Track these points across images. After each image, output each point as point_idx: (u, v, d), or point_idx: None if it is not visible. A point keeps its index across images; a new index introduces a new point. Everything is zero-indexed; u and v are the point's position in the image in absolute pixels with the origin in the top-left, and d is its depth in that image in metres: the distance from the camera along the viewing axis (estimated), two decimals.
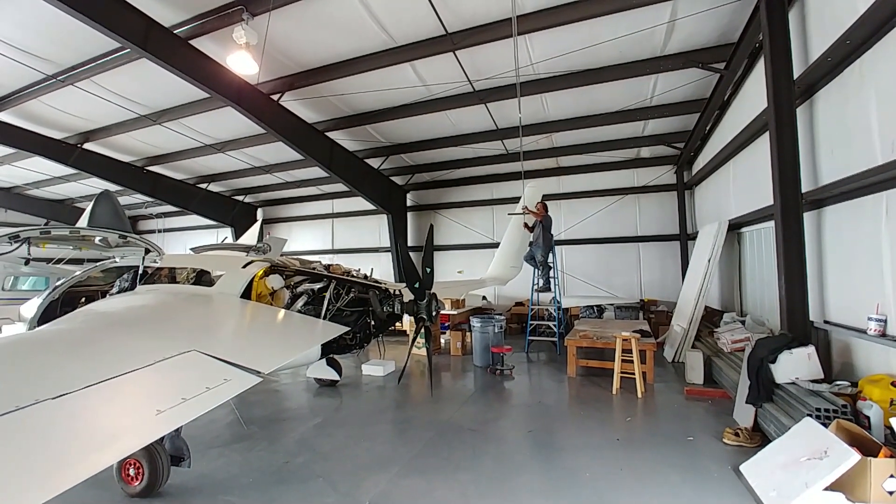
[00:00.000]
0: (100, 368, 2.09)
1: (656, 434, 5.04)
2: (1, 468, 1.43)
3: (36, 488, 1.38)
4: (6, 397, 1.69)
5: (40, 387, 1.81)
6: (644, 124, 10.45)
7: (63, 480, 1.40)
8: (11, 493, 1.35)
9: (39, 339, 2.81)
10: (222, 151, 11.83)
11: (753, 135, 6.98)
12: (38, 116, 10.24)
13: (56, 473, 1.47)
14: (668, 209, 12.07)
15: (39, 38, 7.11)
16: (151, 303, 4.19)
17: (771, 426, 4.47)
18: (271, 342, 3.66)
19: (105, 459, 1.55)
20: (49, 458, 1.55)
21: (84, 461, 1.53)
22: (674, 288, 11.21)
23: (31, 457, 1.55)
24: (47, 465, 1.52)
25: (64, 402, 1.77)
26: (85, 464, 1.51)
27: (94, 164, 12.21)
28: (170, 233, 20.04)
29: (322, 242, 16.80)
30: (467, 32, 6.83)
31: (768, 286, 7.20)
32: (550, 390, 7.03)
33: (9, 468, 1.47)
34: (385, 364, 7.96)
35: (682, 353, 7.98)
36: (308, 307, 4.80)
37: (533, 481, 4.02)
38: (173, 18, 6.64)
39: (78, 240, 4.91)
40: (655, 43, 7.12)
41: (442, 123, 10.40)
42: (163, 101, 9.40)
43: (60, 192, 17.20)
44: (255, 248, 7.25)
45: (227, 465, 4.40)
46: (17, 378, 2.06)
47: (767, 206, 6.08)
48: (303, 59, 7.77)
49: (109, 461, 1.57)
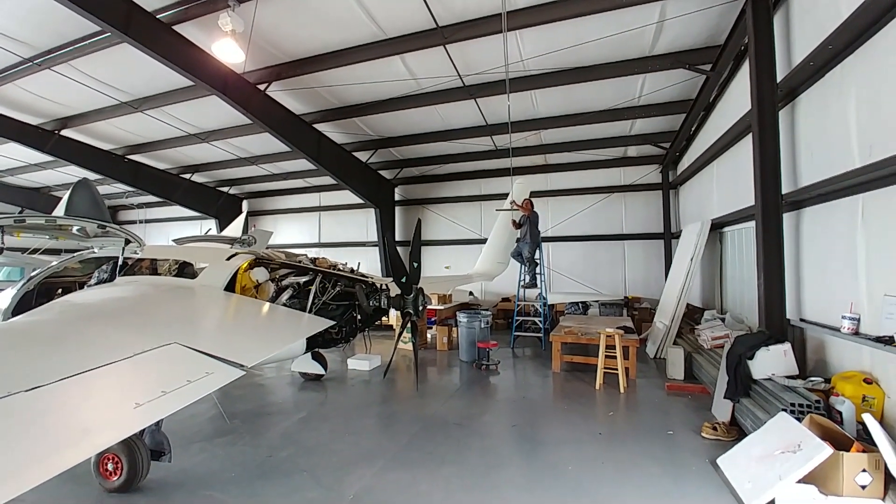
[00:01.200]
0: (76, 361, 2.03)
1: (638, 428, 5.14)
2: None
3: (7, 481, 1.34)
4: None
5: (12, 379, 1.75)
6: (631, 123, 10.56)
7: (36, 475, 1.35)
8: None
9: (13, 329, 2.72)
10: (207, 141, 11.58)
11: (737, 136, 7.11)
12: (14, 101, 9.89)
13: (28, 467, 1.42)
14: (653, 208, 12.25)
15: (15, 20, 6.84)
16: (131, 294, 4.09)
17: (747, 420, 4.60)
18: (255, 335, 3.62)
19: (80, 454, 1.51)
20: (21, 451, 1.51)
21: (58, 455, 1.48)
22: (657, 285, 11.41)
23: (1, 450, 1.50)
24: (19, 458, 1.48)
25: (37, 394, 1.72)
26: (59, 458, 1.46)
27: (72, 152, 11.83)
28: (151, 224, 19.60)
29: (309, 236, 16.63)
30: (458, 26, 6.79)
31: (748, 285, 7.38)
32: (535, 385, 7.11)
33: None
34: (371, 358, 7.94)
35: (664, 349, 8.13)
36: (293, 301, 4.75)
37: (516, 475, 4.07)
38: (156, 3, 6.45)
39: (54, 229, 4.77)
40: (644, 43, 7.19)
41: (431, 118, 10.34)
42: (144, 88, 9.14)
43: (37, 180, 16.65)
44: (240, 241, 7.14)
45: (209, 460, 4.35)
46: None
47: (749, 206, 6.21)
48: (291, 48, 7.63)
49: (85, 455, 1.53)
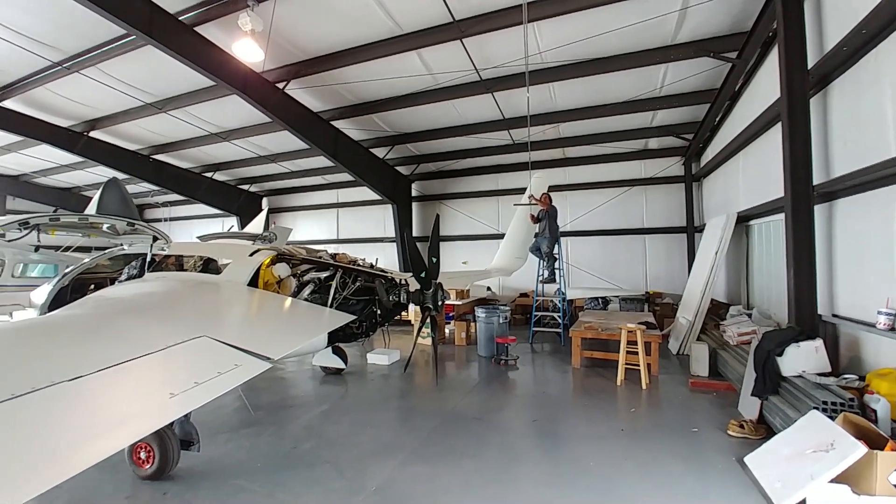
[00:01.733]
0: (113, 352, 2.12)
1: (661, 425, 5.06)
2: (19, 448, 1.47)
3: (54, 467, 1.41)
4: (22, 379, 1.72)
5: (55, 369, 1.84)
6: (653, 115, 10.32)
7: (80, 461, 1.43)
8: (30, 472, 1.38)
9: (53, 323, 2.84)
10: (227, 140, 11.81)
11: (765, 126, 6.88)
12: (45, 104, 10.24)
13: (73, 454, 1.49)
14: (675, 201, 11.97)
15: (45, 24, 7.07)
16: (161, 290, 4.22)
17: (776, 419, 4.47)
18: (280, 329, 3.69)
19: (123, 440, 1.59)
20: (66, 438, 1.58)
21: (101, 442, 1.57)
22: (679, 280, 11.17)
23: (48, 437, 1.57)
24: (64, 445, 1.55)
25: (79, 384, 1.80)
26: (101, 445, 1.54)
27: (100, 152, 12.23)
28: (176, 221, 20.12)
29: (327, 232, 16.83)
30: (475, 20, 6.73)
31: (776, 279, 7.16)
32: (555, 381, 7.06)
33: (27, 448, 1.49)
34: (390, 353, 8.02)
35: (687, 345, 7.97)
36: (315, 296, 4.82)
37: (537, 470, 4.05)
38: (178, 5, 6.58)
39: (86, 227, 4.94)
40: (666, 31, 7.00)
41: (448, 113, 10.31)
42: (168, 89, 9.37)
43: (67, 181, 17.27)
44: (262, 237, 7.27)
45: (235, 450, 4.47)
46: (33, 361, 2.09)
47: (777, 198, 6.01)
48: (308, 46, 7.70)
49: (128, 441, 1.60)
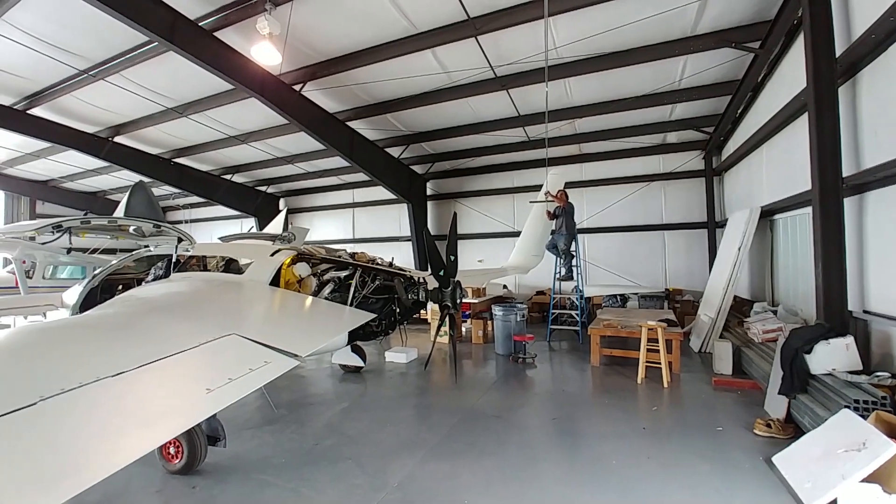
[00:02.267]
0: (150, 350, 2.20)
1: (684, 424, 4.97)
2: (74, 440, 1.54)
3: (105, 459, 1.48)
4: (70, 375, 1.80)
5: (99, 366, 1.92)
6: (672, 108, 10.12)
7: (129, 453, 1.50)
8: (83, 463, 1.45)
9: (89, 322, 2.95)
10: (246, 142, 12.03)
11: (790, 117, 6.68)
12: (72, 111, 10.59)
13: (121, 446, 1.56)
14: (695, 196, 11.72)
15: (72, 34, 7.31)
16: (188, 289, 4.33)
17: (805, 418, 4.36)
18: (303, 327, 3.77)
19: (164, 434, 1.67)
20: (113, 432, 1.65)
21: (146, 435, 1.64)
22: (700, 277, 10.95)
23: (100, 429, 1.65)
24: (113, 438, 1.62)
25: (122, 380, 1.88)
26: (147, 437, 1.62)
27: (124, 157, 12.63)
28: (196, 223, 20.58)
29: (343, 232, 17.00)
30: (490, 17, 6.70)
31: (802, 275, 6.96)
32: (574, 379, 7.01)
33: (81, 439, 1.57)
34: (408, 351, 8.07)
35: (709, 343, 7.82)
36: (335, 294, 4.88)
37: (557, 468, 4.04)
38: (198, 11, 6.73)
39: (115, 229, 5.11)
40: (685, 22, 6.86)
41: (463, 111, 10.30)
42: (189, 94, 9.59)
43: (93, 185, 17.84)
44: (281, 237, 7.40)
45: (259, 447, 4.57)
46: (77, 358, 2.17)
47: (804, 191, 5.85)
48: (324, 48, 7.78)
49: (169, 436, 1.68)
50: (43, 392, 1.65)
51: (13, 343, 2.35)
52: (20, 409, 1.53)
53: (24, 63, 8.21)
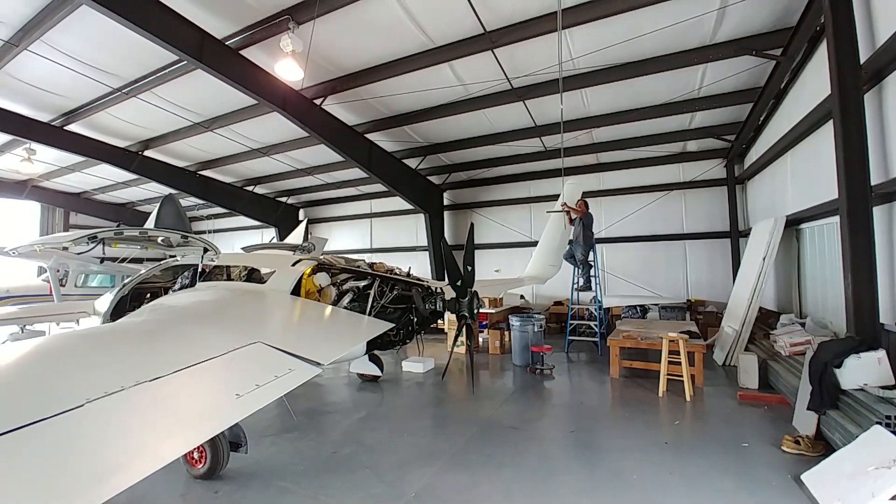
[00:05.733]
0: (181, 357, 2.31)
1: (707, 439, 4.84)
2: (118, 439, 1.65)
3: (151, 456, 1.59)
4: (112, 379, 1.92)
5: (136, 371, 2.03)
6: (691, 116, 10.01)
7: (173, 451, 1.63)
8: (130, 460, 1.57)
9: (124, 329, 3.10)
10: (267, 155, 12.37)
11: (815, 124, 6.54)
12: (105, 127, 11.09)
13: (166, 444, 1.67)
14: (717, 205, 11.50)
15: (106, 53, 7.70)
16: (214, 298, 4.47)
17: (836, 434, 4.20)
18: (324, 336, 3.84)
19: (199, 437, 1.78)
20: (157, 431, 1.76)
21: (186, 435, 1.75)
22: (723, 288, 10.69)
23: (142, 430, 1.76)
24: (157, 437, 1.73)
25: (159, 384, 1.99)
26: (187, 437, 1.74)
27: (153, 170, 13.14)
28: (219, 233, 21.13)
29: (361, 242, 17.22)
30: (506, 30, 6.80)
31: (831, 286, 6.75)
32: (592, 391, 6.90)
33: (125, 439, 1.68)
34: (425, 361, 8.08)
35: (733, 355, 7.61)
36: (354, 304, 4.96)
37: (577, 481, 3.98)
38: (225, 30, 7.01)
39: (145, 240, 5.31)
40: (704, 31, 6.82)
41: (479, 122, 10.40)
42: (214, 109, 9.95)
43: (123, 197, 18.55)
44: (301, 247, 7.55)
45: (279, 453, 4.64)
46: (115, 363, 2.29)
47: (831, 200, 5.69)
48: (344, 63, 8.00)
49: (206, 436, 1.81)
50: (89, 395, 1.76)
51: (57, 348, 2.49)
52: (70, 409, 1.64)
53: (63, 82, 8.67)
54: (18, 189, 16.62)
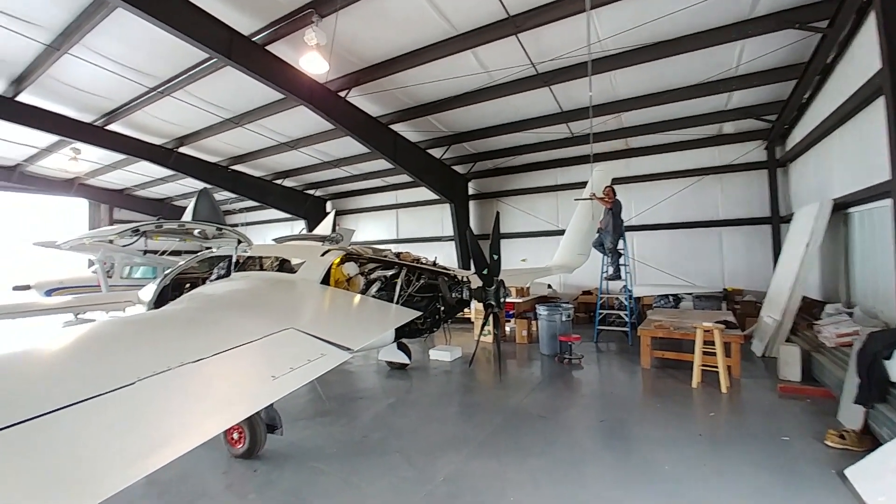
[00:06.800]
0: (220, 341, 2.46)
1: (745, 432, 4.69)
2: (167, 414, 1.82)
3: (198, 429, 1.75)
4: (158, 360, 2.06)
5: (179, 353, 2.19)
6: (728, 97, 9.52)
7: (217, 425, 1.80)
8: (179, 433, 1.73)
9: (167, 316, 3.30)
10: (295, 148, 12.63)
11: (864, 101, 6.09)
12: (143, 125, 11.59)
13: (210, 420, 1.83)
14: (756, 189, 10.95)
15: (142, 54, 8.00)
16: (248, 287, 4.67)
17: (884, 429, 3.99)
18: (354, 323, 3.96)
19: (243, 411, 1.96)
20: (202, 407, 1.92)
21: (229, 410, 1.91)
22: (762, 276, 10.22)
23: (189, 406, 1.92)
24: (202, 412, 1.89)
25: (201, 365, 2.14)
26: (230, 413, 1.90)
27: (187, 166, 13.66)
28: (251, 226, 21.81)
29: (387, 232, 17.40)
30: (530, 13, 6.63)
31: (883, 274, 6.34)
32: (623, 381, 6.79)
33: (174, 414, 1.84)
34: (452, 350, 8.15)
35: (774, 347, 7.31)
36: (381, 293, 5.04)
37: (606, 471, 3.95)
38: (251, 27, 7.15)
39: (183, 233, 5.55)
40: (742, 5, 6.43)
41: (504, 109, 10.24)
42: (243, 105, 10.20)
43: (161, 192, 19.42)
44: (329, 238, 7.71)
45: (312, 437, 4.81)
46: (160, 346, 2.46)
47: (882, 182, 5.34)
48: (368, 54, 8.02)
49: (247, 413, 2.03)
50: (139, 373, 1.92)
51: (109, 332, 2.69)
52: (123, 386, 1.80)
53: (103, 84, 9.08)
54: (67, 187, 17.69)
